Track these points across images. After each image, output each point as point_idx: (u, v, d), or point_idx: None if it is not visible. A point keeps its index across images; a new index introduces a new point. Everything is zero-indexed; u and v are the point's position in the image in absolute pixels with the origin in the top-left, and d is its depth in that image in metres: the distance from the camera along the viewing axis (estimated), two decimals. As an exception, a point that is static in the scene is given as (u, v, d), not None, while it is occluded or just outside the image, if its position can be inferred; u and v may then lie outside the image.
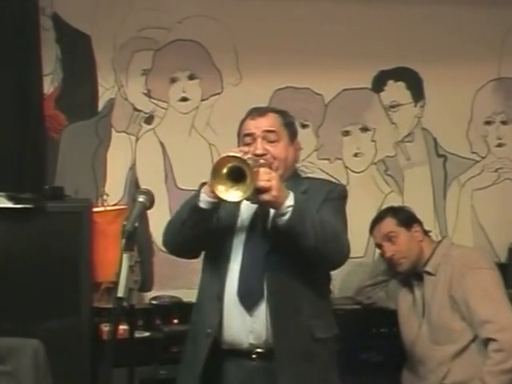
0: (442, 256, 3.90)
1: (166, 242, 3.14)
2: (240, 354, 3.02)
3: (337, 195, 3.15)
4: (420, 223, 4.04)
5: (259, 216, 3.05)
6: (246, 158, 2.84)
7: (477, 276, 3.79)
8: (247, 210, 3.08)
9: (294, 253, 2.93)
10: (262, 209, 3.03)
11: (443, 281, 3.82)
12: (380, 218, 4.07)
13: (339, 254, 3.02)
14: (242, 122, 3.21)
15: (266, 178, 2.84)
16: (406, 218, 4.01)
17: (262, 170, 2.88)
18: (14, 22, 4.10)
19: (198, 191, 3.03)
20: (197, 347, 3.06)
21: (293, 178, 3.15)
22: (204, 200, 2.93)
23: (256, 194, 2.85)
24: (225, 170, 2.81)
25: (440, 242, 4.05)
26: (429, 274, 3.90)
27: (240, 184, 2.80)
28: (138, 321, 4.07)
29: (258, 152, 3.06)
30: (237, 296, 3.00)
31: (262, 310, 2.98)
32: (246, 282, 3.00)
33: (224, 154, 2.84)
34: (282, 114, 3.23)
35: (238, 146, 3.19)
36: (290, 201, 2.86)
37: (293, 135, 3.22)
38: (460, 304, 3.75)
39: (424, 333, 3.85)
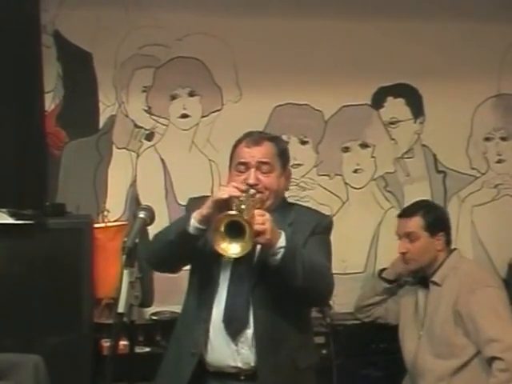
0: (450, 268, 3.88)
1: (149, 257, 3.12)
2: (226, 375, 3.04)
3: (323, 229, 3.16)
4: (447, 231, 3.98)
5: None
6: (241, 206, 2.85)
7: (486, 294, 3.78)
8: None
9: (281, 288, 2.95)
10: None
11: (449, 294, 3.81)
12: (411, 213, 3.99)
13: (324, 293, 3.09)
14: (236, 146, 3.21)
15: (261, 221, 2.84)
16: (435, 224, 3.94)
17: (256, 212, 2.88)
18: (15, 39, 4.12)
19: (188, 212, 3.09)
20: (181, 366, 3.07)
21: (280, 207, 3.15)
22: (193, 226, 2.94)
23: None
24: (223, 228, 2.81)
25: (450, 254, 3.97)
26: (435, 284, 3.90)
27: (239, 238, 2.81)
28: (138, 336, 4.08)
29: (251, 182, 3.07)
30: (222, 323, 3.02)
31: (249, 337, 3.01)
32: (232, 311, 3.02)
33: (221, 215, 2.83)
34: (276, 141, 3.23)
35: (230, 169, 3.21)
36: (281, 242, 2.87)
37: (285, 164, 3.22)
38: (466, 320, 3.73)
39: (424, 345, 3.84)
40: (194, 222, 2.94)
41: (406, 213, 4.04)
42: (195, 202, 3.14)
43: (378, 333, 4.25)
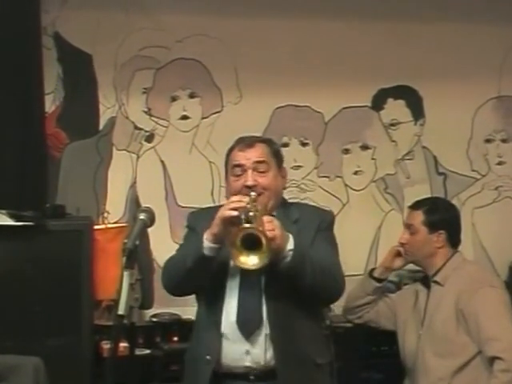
0: (453, 269, 3.88)
1: (168, 287, 3.17)
2: (237, 376, 3.06)
3: (327, 225, 3.22)
4: (450, 231, 3.96)
5: None
6: (250, 212, 2.88)
7: (490, 293, 3.78)
8: None
9: (291, 288, 2.98)
10: None
11: (452, 292, 3.81)
12: (416, 207, 4.02)
13: (335, 290, 3.12)
14: (230, 152, 3.25)
15: (271, 227, 2.88)
16: (436, 222, 3.94)
17: (265, 218, 2.91)
18: (16, 41, 4.12)
19: (190, 227, 3.20)
20: (197, 374, 3.10)
21: (282, 206, 3.19)
22: (207, 247, 2.96)
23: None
24: (239, 242, 2.83)
25: (452, 255, 3.96)
26: (437, 283, 3.90)
27: (256, 249, 2.82)
28: (138, 338, 4.08)
29: (249, 183, 3.10)
30: (236, 324, 3.04)
31: (261, 336, 3.03)
32: (245, 313, 3.05)
33: (236, 229, 2.86)
34: (268, 142, 3.28)
35: (226, 175, 3.24)
36: (290, 245, 2.92)
37: (280, 162, 3.26)
38: (468, 318, 3.72)
39: (424, 344, 3.82)
40: (207, 243, 2.96)
41: (414, 205, 4.07)
42: (197, 218, 3.21)
43: (378, 335, 4.22)
